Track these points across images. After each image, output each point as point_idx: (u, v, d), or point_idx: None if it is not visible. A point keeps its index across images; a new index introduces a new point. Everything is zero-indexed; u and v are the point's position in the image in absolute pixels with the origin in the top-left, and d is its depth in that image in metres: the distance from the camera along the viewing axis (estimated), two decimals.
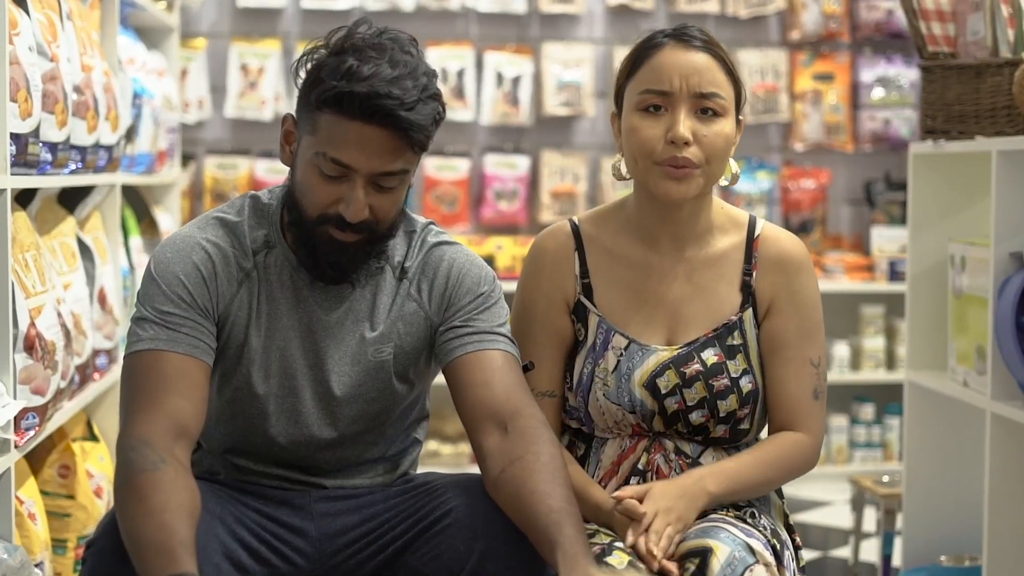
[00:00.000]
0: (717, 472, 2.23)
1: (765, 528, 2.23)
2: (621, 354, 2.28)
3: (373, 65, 2.07)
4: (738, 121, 2.30)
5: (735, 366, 2.29)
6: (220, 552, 2.10)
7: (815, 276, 2.36)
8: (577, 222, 2.38)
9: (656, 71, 2.24)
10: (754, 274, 2.33)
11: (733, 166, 2.32)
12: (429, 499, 2.20)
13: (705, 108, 2.23)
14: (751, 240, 2.34)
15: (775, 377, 2.31)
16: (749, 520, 2.23)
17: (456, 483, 2.21)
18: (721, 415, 2.27)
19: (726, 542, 2.10)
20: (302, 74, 2.15)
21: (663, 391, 2.27)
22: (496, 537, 2.09)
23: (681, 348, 2.29)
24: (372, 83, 2.06)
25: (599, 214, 2.40)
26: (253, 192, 2.29)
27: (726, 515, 2.23)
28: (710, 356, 2.28)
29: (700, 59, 2.24)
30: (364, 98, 2.05)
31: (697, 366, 2.27)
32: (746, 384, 2.29)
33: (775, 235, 2.35)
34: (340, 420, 2.25)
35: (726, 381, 2.28)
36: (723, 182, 2.33)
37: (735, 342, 2.30)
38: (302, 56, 2.16)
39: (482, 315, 2.23)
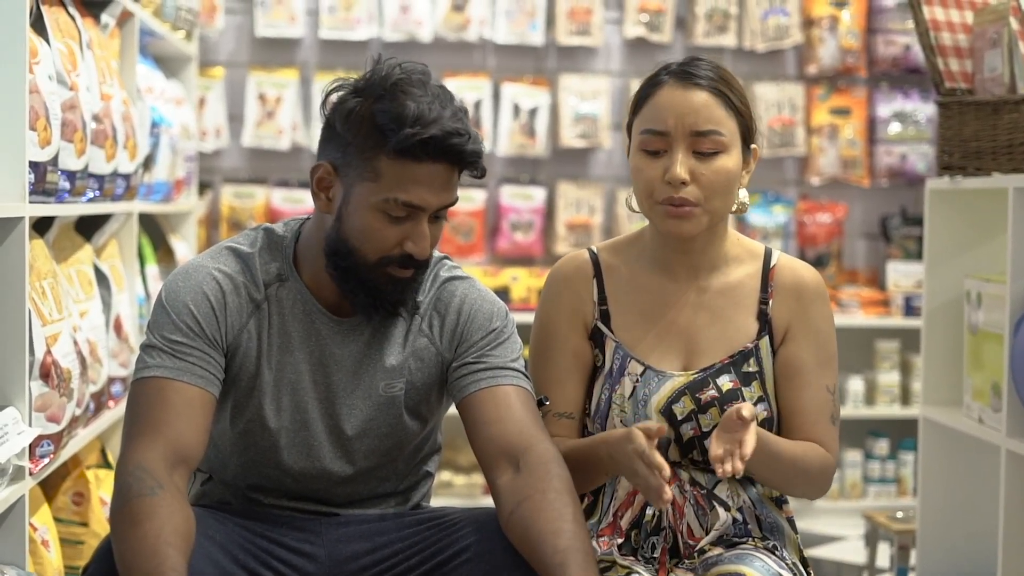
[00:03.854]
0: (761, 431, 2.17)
1: (787, 561, 2.24)
2: (637, 380, 2.28)
3: (427, 104, 2.10)
4: (750, 151, 2.30)
5: (751, 393, 2.28)
6: None
7: (830, 306, 2.36)
8: (596, 250, 2.39)
9: (655, 111, 2.25)
10: (770, 303, 2.33)
11: (743, 195, 2.32)
12: (446, 533, 2.20)
13: (702, 146, 2.23)
14: (767, 270, 2.34)
15: (793, 401, 2.30)
16: (776, 553, 2.24)
17: (473, 518, 2.20)
18: None
19: (760, 571, 2.12)
20: (338, 124, 2.15)
21: (679, 417, 2.26)
22: (514, 573, 2.08)
23: (696, 374, 2.29)
24: (442, 124, 2.10)
25: (617, 244, 2.41)
26: (267, 224, 2.29)
27: (756, 544, 2.24)
28: (726, 382, 2.28)
29: (699, 98, 2.24)
30: (440, 140, 2.09)
31: (713, 392, 2.27)
32: (761, 412, 2.28)
33: (791, 264, 2.36)
34: (353, 454, 2.25)
35: None
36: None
37: (751, 369, 2.30)
38: (330, 102, 2.17)
39: (495, 351, 2.24)
